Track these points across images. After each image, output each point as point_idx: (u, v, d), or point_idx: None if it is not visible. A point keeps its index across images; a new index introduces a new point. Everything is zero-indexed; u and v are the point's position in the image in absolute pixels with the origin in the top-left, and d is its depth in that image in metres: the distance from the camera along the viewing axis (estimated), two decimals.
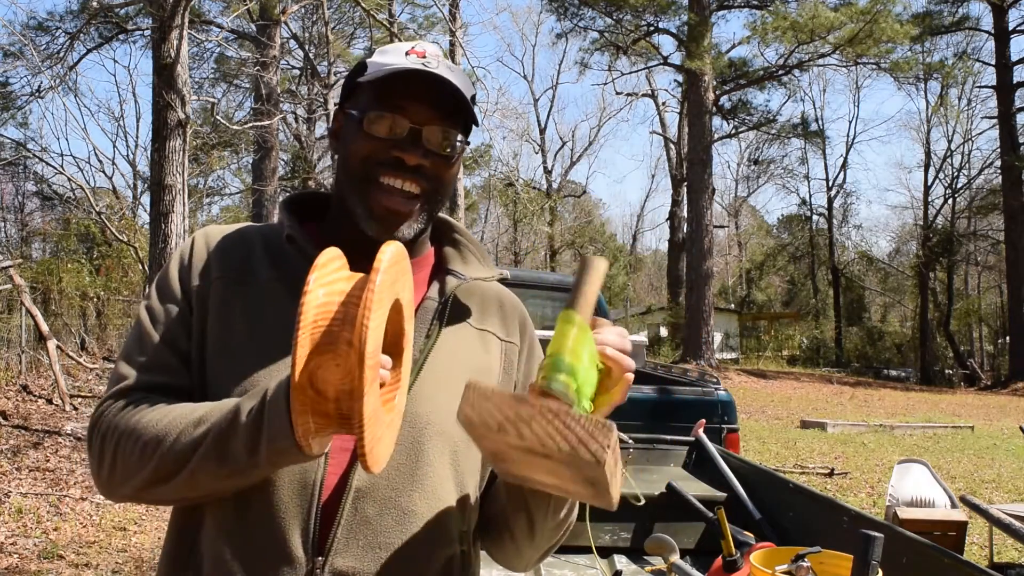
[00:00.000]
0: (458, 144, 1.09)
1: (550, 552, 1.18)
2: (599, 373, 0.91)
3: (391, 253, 0.86)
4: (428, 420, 1.06)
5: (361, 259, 1.12)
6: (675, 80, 28.97)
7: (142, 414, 1.00)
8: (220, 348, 1.06)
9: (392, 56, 1.08)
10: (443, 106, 1.07)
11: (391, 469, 1.03)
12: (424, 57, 1.07)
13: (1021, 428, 5.31)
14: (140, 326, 1.10)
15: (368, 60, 1.10)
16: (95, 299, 13.71)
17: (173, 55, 7.72)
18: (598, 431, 0.79)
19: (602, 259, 0.96)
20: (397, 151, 1.05)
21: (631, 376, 0.92)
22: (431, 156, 1.07)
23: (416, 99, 1.06)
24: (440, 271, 1.17)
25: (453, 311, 1.13)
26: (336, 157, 1.15)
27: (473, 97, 1.12)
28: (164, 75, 7.77)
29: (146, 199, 14.48)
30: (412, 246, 1.15)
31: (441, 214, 1.22)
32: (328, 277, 0.86)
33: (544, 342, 1.32)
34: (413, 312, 0.95)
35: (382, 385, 0.87)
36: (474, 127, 1.14)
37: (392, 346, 0.92)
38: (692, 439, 3.52)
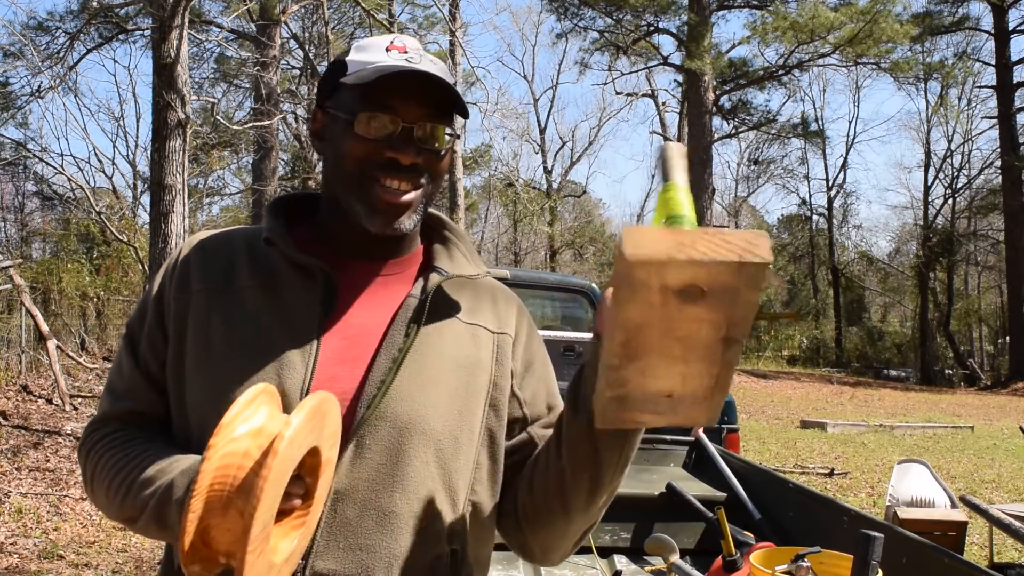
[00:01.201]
0: (448, 137, 1.10)
1: (587, 536, 1.16)
2: None
3: (301, 418, 0.85)
4: (408, 419, 1.05)
5: (356, 255, 1.14)
6: (675, 80, 28.97)
7: (111, 455, 1.06)
8: (197, 359, 1.07)
9: (372, 53, 1.08)
10: (432, 102, 1.07)
11: (371, 470, 1.03)
12: (406, 52, 1.07)
13: (1021, 428, 5.31)
14: (121, 352, 1.15)
15: (347, 59, 1.10)
16: (95, 299, 13.71)
17: (173, 55, 7.72)
18: (756, 237, 0.80)
19: (678, 144, 0.97)
20: (391, 152, 1.06)
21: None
22: (424, 153, 1.07)
23: (405, 97, 1.06)
24: (427, 268, 1.17)
25: (437, 307, 1.12)
26: (325, 158, 1.15)
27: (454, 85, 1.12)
28: (164, 75, 7.77)
29: (146, 199, 14.48)
30: (402, 243, 1.16)
31: (437, 212, 1.23)
32: (238, 430, 0.87)
33: (547, 341, 1.31)
34: (337, 443, 0.96)
35: (289, 512, 0.90)
36: (462, 117, 1.13)
37: (312, 467, 0.92)
38: (692, 439, 3.52)
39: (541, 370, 1.22)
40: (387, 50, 1.07)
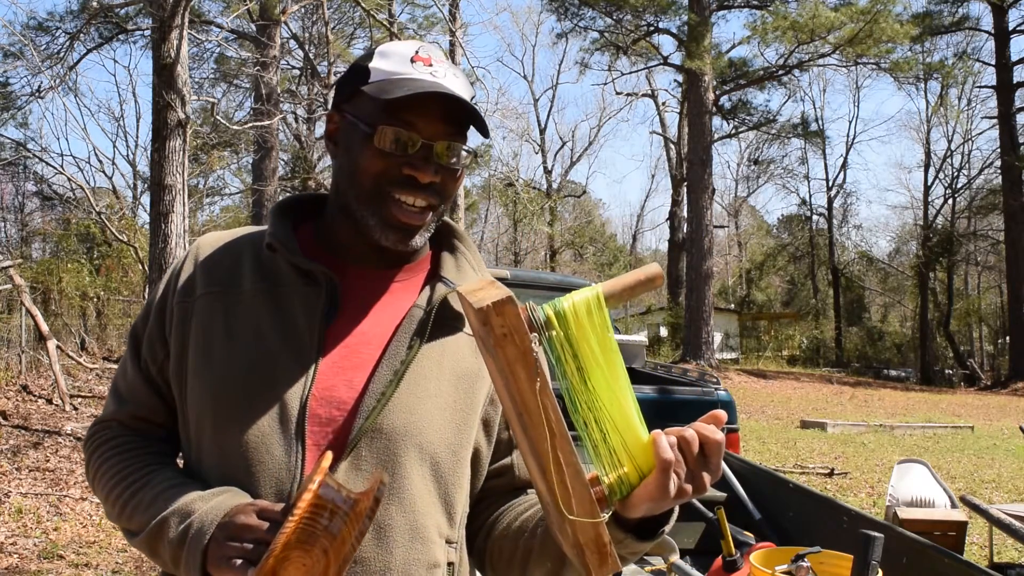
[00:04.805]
0: (465, 154, 1.08)
1: None
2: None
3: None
4: (406, 432, 1.03)
5: (363, 261, 1.13)
6: (675, 80, 28.97)
7: (111, 464, 1.10)
8: (198, 366, 1.07)
9: (396, 62, 1.06)
10: (453, 119, 1.05)
11: (366, 482, 1.01)
12: (431, 65, 1.05)
13: (1021, 428, 5.31)
14: (125, 354, 1.17)
15: (370, 65, 1.07)
16: (95, 299, 13.71)
17: (173, 55, 7.71)
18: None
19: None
20: (409, 169, 1.04)
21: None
22: (442, 171, 1.06)
23: (427, 114, 1.04)
24: (434, 278, 1.15)
25: (442, 319, 1.10)
26: (338, 163, 1.12)
27: (472, 97, 1.11)
28: (164, 75, 7.76)
29: (146, 199, 14.49)
30: (411, 252, 1.14)
31: (449, 220, 1.21)
32: (332, 480, 0.90)
33: None
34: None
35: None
36: (482, 135, 1.11)
37: None
38: None
39: None
40: (412, 61, 1.05)
